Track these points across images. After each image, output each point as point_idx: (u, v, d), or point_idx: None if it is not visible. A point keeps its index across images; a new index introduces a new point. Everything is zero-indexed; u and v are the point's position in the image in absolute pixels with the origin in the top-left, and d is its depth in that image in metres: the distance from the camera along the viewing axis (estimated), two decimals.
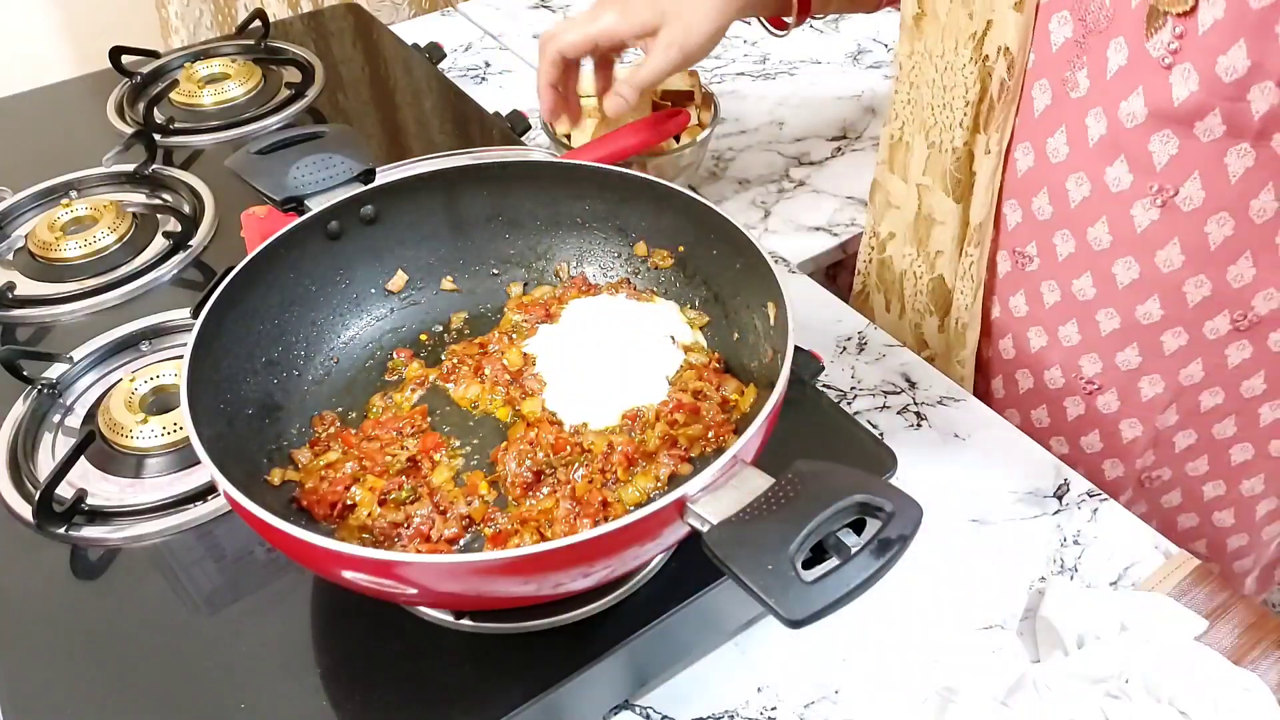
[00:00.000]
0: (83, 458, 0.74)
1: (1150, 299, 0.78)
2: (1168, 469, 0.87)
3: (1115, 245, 0.77)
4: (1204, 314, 0.77)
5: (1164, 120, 0.69)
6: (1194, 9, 0.65)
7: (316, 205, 0.71)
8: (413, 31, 1.42)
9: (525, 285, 0.79)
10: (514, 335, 0.75)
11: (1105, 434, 0.86)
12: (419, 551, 0.61)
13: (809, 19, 0.99)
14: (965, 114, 0.82)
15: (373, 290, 0.76)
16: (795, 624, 0.44)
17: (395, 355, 0.75)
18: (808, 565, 0.46)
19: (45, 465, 0.76)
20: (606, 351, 0.71)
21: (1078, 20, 0.71)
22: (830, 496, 0.47)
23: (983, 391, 0.94)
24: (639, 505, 0.63)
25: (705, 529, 0.49)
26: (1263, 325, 0.76)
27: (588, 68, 1.13)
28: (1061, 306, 0.84)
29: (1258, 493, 0.87)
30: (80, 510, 0.71)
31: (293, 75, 1.22)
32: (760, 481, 0.50)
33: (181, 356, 0.60)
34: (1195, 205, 0.72)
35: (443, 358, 0.74)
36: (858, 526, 0.48)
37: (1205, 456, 0.86)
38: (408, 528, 0.63)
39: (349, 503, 0.64)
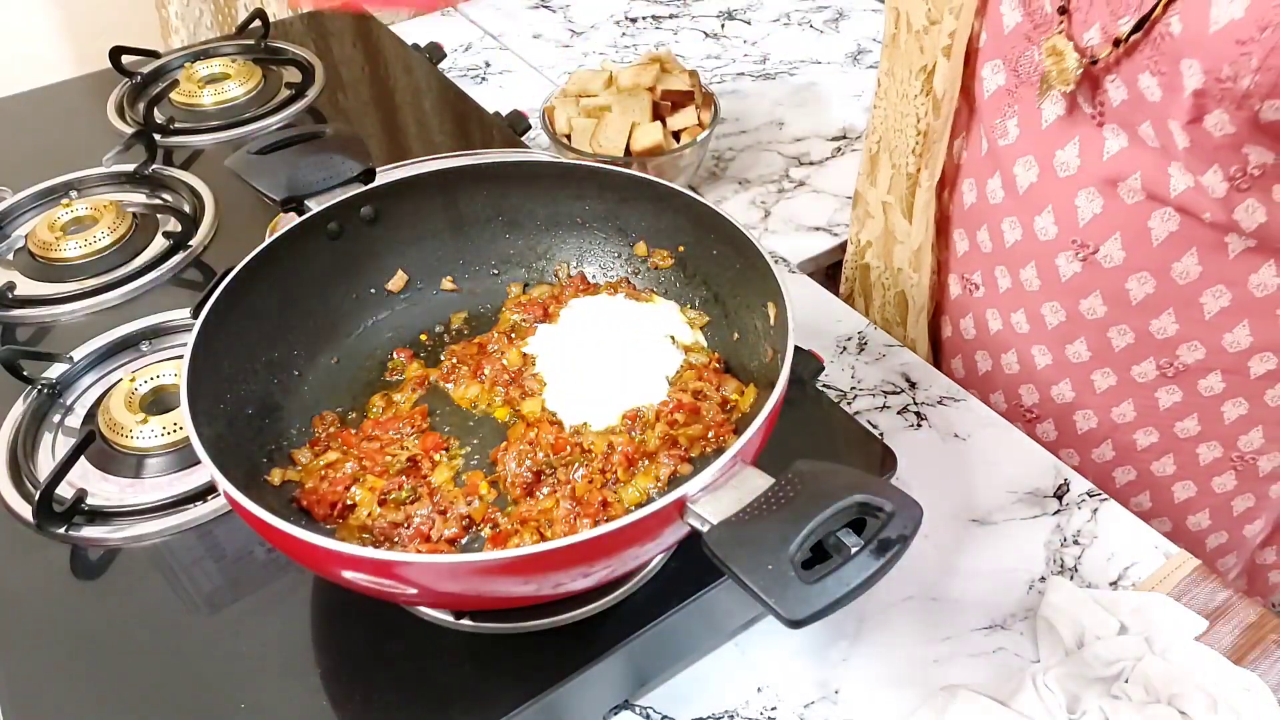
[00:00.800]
0: (83, 458, 0.74)
1: (1078, 340, 0.79)
2: (1113, 502, 0.87)
3: (1043, 289, 0.78)
4: (1130, 359, 0.78)
5: (1091, 176, 0.70)
6: (1078, 83, 0.66)
7: (316, 205, 0.72)
8: (413, 32, 1.42)
9: (525, 285, 0.79)
10: (513, 335, 0.75)
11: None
12: (419, 551, 0.61)
13: None
14: (917, 142, 0.83)
15: (373, 290, 0.76)
16: (795, 624, 0.44)
17: (395, 355, 0.75)
18: (808, 565, 0.46)
19: (45, 465, 0.76)
20: (606, 351, 0.71)
21: (1010, 71, 0.72)
22: (830, 496, 0.47)
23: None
24: (639, 505, 0.63)
25: (705, 529, 0.49)
26: (1190, 373, 0.77)
27: (585, 69, 1.13)
28: (1003, 335, 0.85)
29: (1205, 527, 0.87)
30: (80, 510, 0.71)
31: (293, 75, 1.21)
32: (760, 481, 0.50)
33: (181, 356, 0.60)
34: (1115, 264, 0.73)
35: (442, 358, 0.74)
36: (858, 526, 0.48)
37: (1147, 492, 0.86)
38: (408, 528, 0.63)
39: (349, 503, 0.64)
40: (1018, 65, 0.71)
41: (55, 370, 0.82)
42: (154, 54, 1.23)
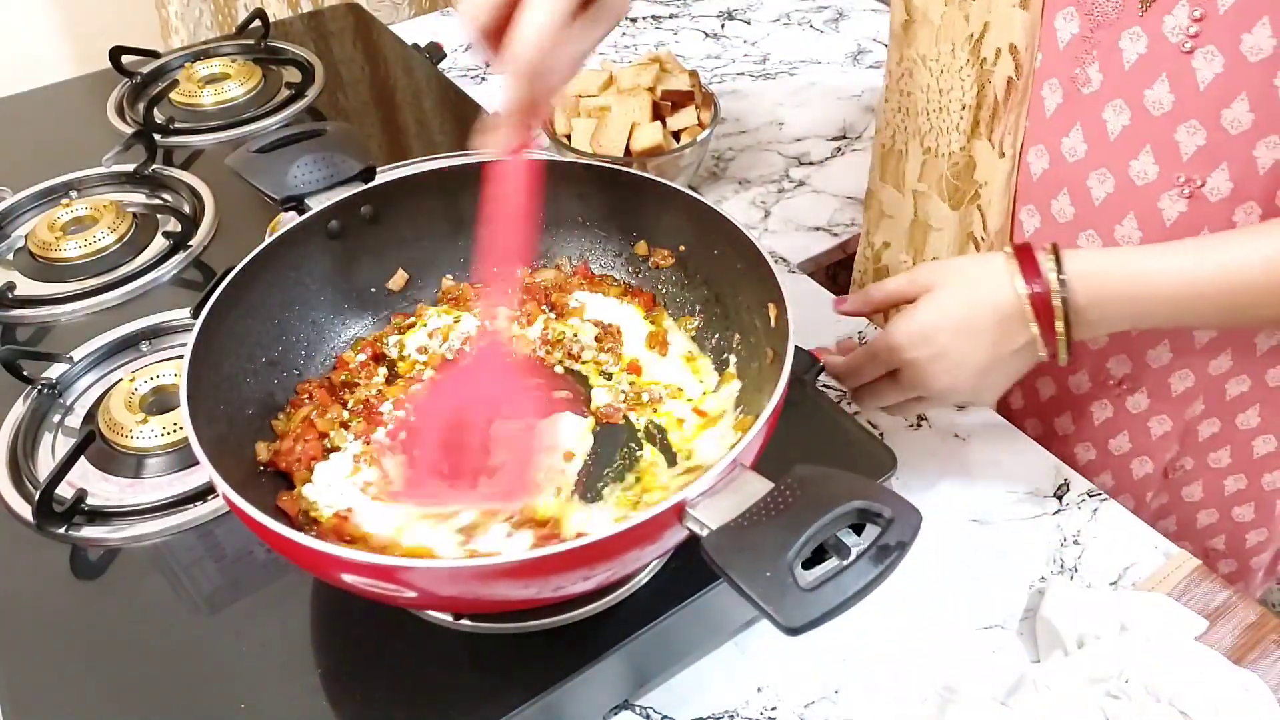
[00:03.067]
0: (83, 458, 0.74)
1: None
2: (1190, 459, 0.86)
3: (1145, 240, 0.75)
4: None
5: (1190, 109, 0.68)
6: None
7: (317, 204, 0.71)
8: (413, 31, 1.42)
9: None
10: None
11: (1134, 434, 0.85)
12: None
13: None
14: (963, 118, 0.81)
15: (373, 289, 0.76)
16: (793, 631, 0.44)
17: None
18: (808, 565, 0.46)
19: (45, 465, 0.76)
20: None
21: (1084, 15, 0.70)
22: (829, 502, 0.47)
23: (999, 403, 0.92)
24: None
25: (704, 534, 0.48)
26: None
27: (585, 69, 1.12)
28: None
29: None
30: (80, 510, 0.71)
31: (293, 75, 1.21)
32: (759, 486, 0.50)
33: (181, 356, 0.60)
34: (1223, 195, 0.70)
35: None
36: (859, 527, 0.48)
37: (1228, 447, 0.85)
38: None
39: (328, 446, 0.65)
40: (1092, 8, 0.70)
41: (55, 370, 0.82)
42: (154, 54, 1.23)
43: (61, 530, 0.71)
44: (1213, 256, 0.65)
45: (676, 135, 1.07)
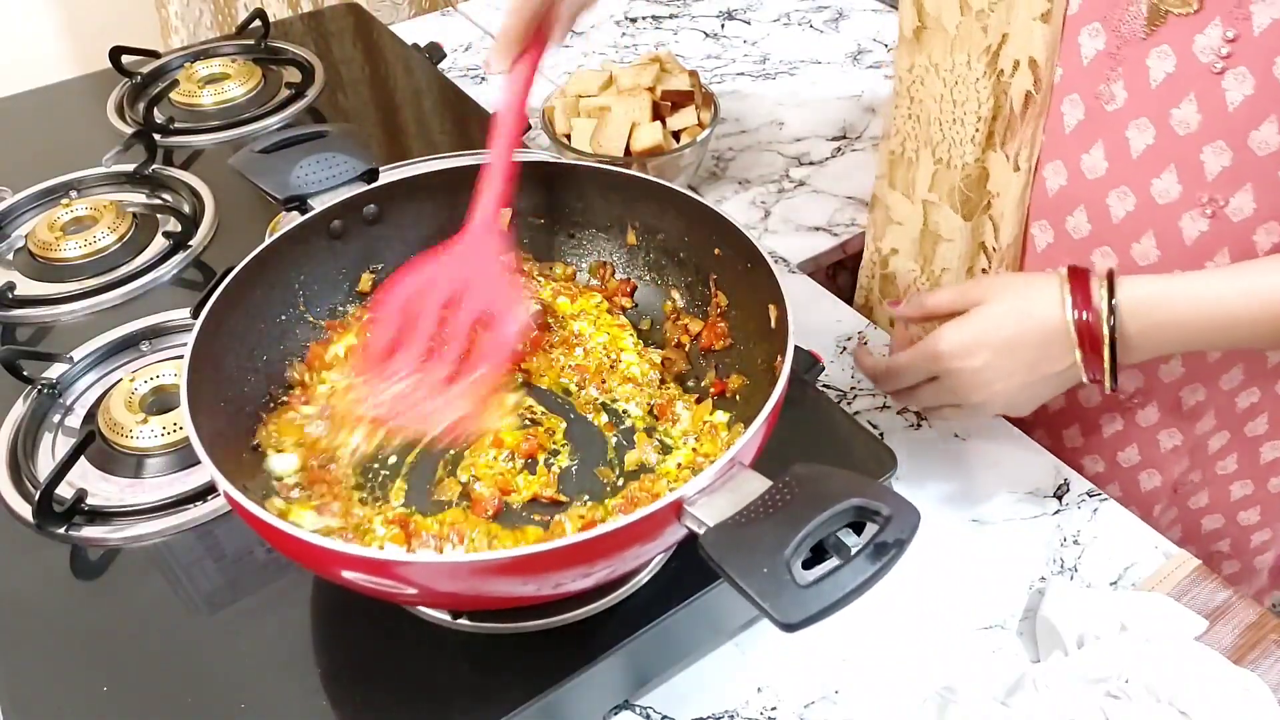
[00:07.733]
0: (83, 458, 0.74)
1: None
2: (1199, 471, 0.86)
3: (1164, 259, 0.74)
4: None
5: (1218, 130, 0.68)
6: (1200, 10, 0.64)
7: (319, 204, 0.72)
8: (413, 31, 1.42)
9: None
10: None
11: (1143, 447, 0.85)
12: None
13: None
14: (978, 130, 0.80)
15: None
16: (789, 628, 0.44)
17: None
18: (808, 565, 0.46)
19: (45, 465, 0.76)
20: None
21: (1110, 31, 0.70)
22: (827, 500, 0.47)
23: None
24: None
25: (702, 531, 0.49)
26: None
27: (585, 69, 1.12)
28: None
29: None
30: (80, 510, 0.71)
31: (293, 75, 1.21)
32: (757, 484, 0.50)
33: (181, 356, 0.60)
34: (1245, 216, 0.70)
35: None
36: (859, 527, 0.48)
37: (1235, 455, 0.85)
38: None
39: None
40: (1119, 25, 0.69)
41: (55, 370, 0.82)
42: (154, 54, 1.23)
43: (61, 530, 0.71)
44: (1265, 280, 0.65)
45: (676, 135, 1.07)
